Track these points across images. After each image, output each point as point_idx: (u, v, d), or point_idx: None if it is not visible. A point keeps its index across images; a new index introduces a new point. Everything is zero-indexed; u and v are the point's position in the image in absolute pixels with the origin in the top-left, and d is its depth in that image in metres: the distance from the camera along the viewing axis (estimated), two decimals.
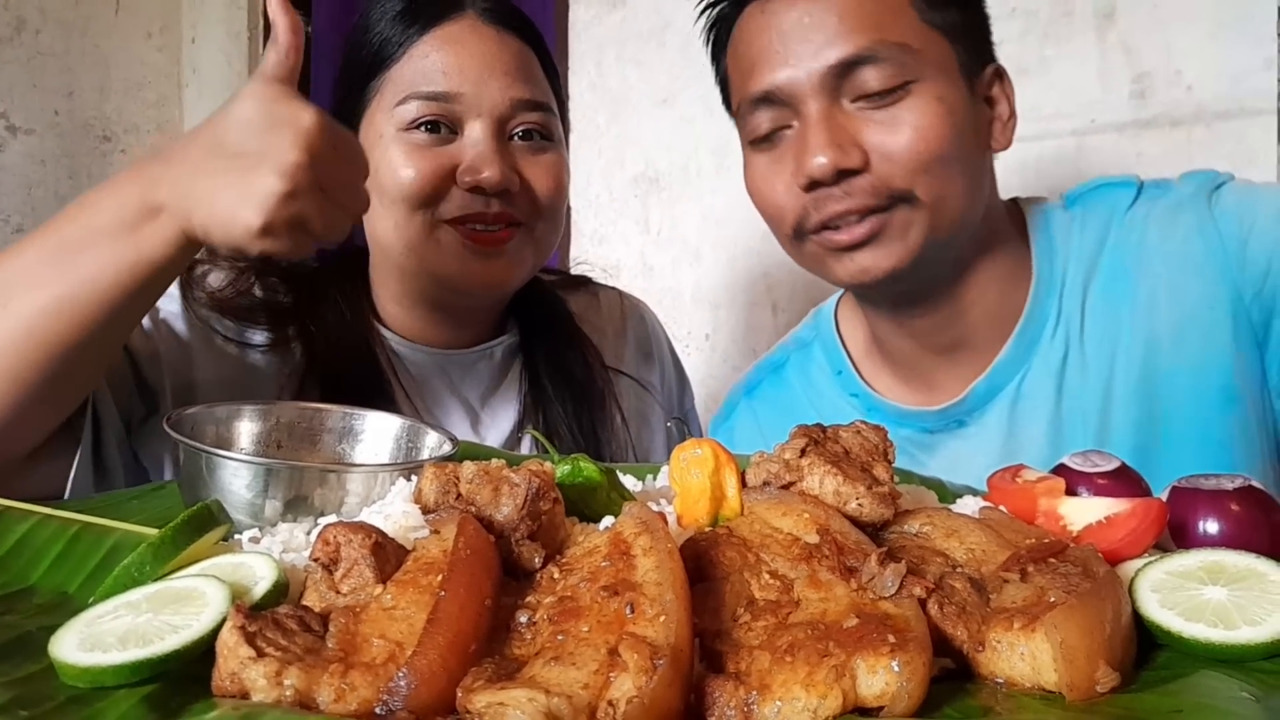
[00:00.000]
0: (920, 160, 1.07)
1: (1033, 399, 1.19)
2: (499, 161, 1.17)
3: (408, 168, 1.16)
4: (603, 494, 0.73)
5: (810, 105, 1.09)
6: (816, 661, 0.52)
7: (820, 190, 1.10)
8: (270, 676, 0.50)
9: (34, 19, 2.92)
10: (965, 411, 1.21)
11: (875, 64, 1.07)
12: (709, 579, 0.61)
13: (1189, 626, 0.58)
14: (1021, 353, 1.19)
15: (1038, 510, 0.74)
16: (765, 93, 1.12)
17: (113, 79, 3.11)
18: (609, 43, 2.41)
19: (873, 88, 1.08)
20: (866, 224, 1.09)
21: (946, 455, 1.22)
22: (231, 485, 0.74)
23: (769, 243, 2.22)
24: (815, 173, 1.08)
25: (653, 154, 2.36)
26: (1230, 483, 0.74)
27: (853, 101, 1.09)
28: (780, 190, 1.14)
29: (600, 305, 1.46)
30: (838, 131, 1.08)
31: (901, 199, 1.09)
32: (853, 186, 1.08)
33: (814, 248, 1.15)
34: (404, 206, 1.17)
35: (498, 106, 1.19)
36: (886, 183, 1.08)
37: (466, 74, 1.18)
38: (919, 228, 1.10)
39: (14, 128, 2.87)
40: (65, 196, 2.99)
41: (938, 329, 1.21)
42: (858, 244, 1.11)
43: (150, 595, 0.58)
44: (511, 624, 0.57)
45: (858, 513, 0.67)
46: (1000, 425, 1.19)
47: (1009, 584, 0.61)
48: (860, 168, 1.08)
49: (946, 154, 1.08)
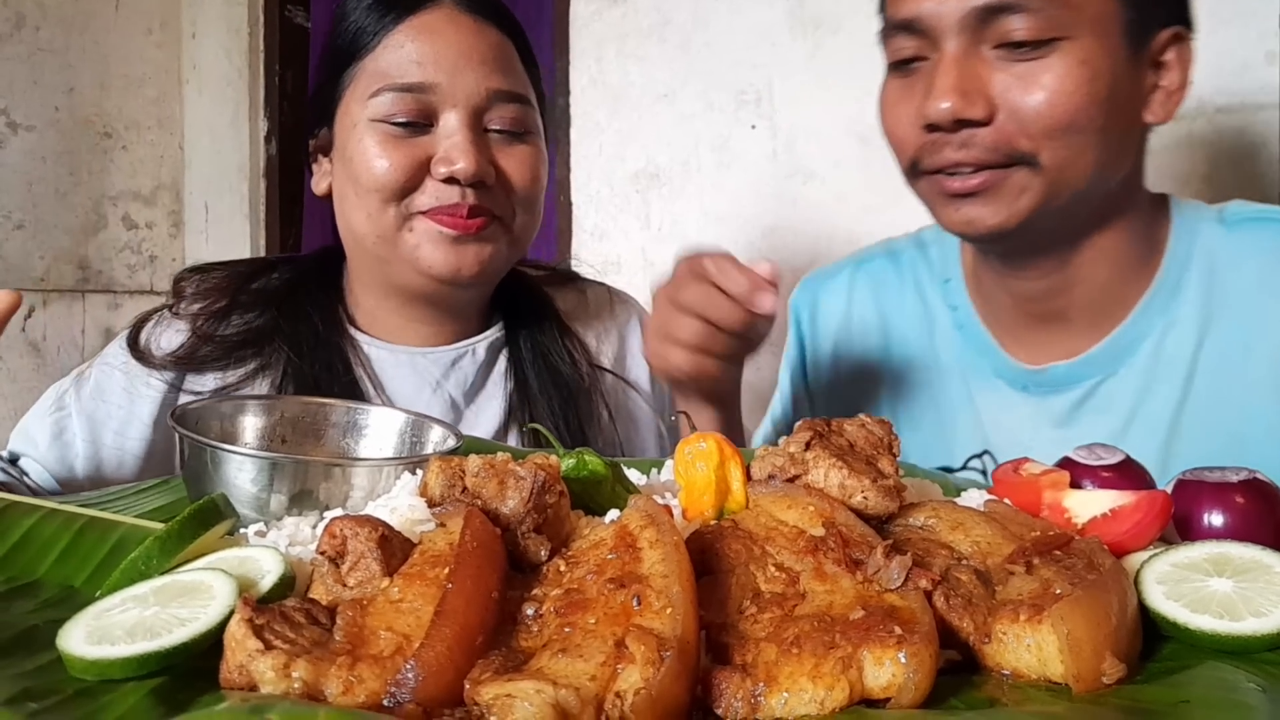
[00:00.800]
0: (1049, 126, 1.01)
1: (1102, 410, 1.14)
2: (473, 152, 1.15)
3: (381, 159, 1.16)
4: (607, 487, 0.73)
5: (949, 42, 1.04)
6: (823, 653, 0.52)
7: (938, 134, 1.05)
8: (278, 669, 0.50)
9: (34, 15, 2.92)
10: (1037, 384, 1.17)
11: (1024, 12, 1.00)
12: (715, 572, 0.61)
13: (1195, 618, 0.58)
14: (1111, 358, 1.14)
15: (1042, 503, 0.74)
16: (908, 20, 1.07)
17: (113, 75, 3.11)
18: (609, 38, 2.41)
19: (1016, 37, 1.01)
20: (979, 177, 1.04)
21: (1001, 407, 1.20)
22: (236, 479, 0.75)
23: (770, 238, 2.22)
24: (935, 116, 1.03)
25: (653, 149, 2.36)
26: (1235, 475, 0.74)
27: (994, 48, 1.02)
28: (904, 122, 1.09)
29: (588, 301, 1.45)
30: (968, 77, 1.03)
31: (1022, 160, 1.03)
32: (972, 138, 1.03)
33: (926, 187, 1.11)
34: (377, 198, 1.17)
35: (473, 97, 1.17)
36: (1009, 141, 1.02)
37: (441, 64, 1.17)
38: (1034, 193, 1.04)
39: (14, 124, 2.87)
40: (66, 193, 2.99)
41: (1039, 297, 1.16)
42: (968, 194, 1.06)
43: (157, 589, 0.58)
44: (518, 616, 0.57)
45: (863, 505, 0.68)
46: (1061, 415, 1.16)
47: (1014, 576, 0.61)
48: (984, 120, 1.02)
49: (1079, 123, 1.02)
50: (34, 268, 2.93)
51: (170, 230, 3.28)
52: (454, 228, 1.17)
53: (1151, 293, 1.13)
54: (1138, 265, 1.14)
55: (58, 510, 0.74)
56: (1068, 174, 1.04)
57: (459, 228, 1.17)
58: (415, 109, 1.16)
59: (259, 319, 1.24)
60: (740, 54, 2.23)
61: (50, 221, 2.94)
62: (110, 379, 1.21)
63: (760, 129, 2.20)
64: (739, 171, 2.24)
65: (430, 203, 1.17)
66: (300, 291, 1.28)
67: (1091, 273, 1.13)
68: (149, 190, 3.22)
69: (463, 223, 1.17)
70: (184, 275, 1.30)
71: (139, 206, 3.19)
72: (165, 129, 3.24)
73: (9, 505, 0.74)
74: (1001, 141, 1.03)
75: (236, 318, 1.24)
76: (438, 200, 1.16)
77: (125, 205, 3.16)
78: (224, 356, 1.22)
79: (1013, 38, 1.01)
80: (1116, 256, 1.13)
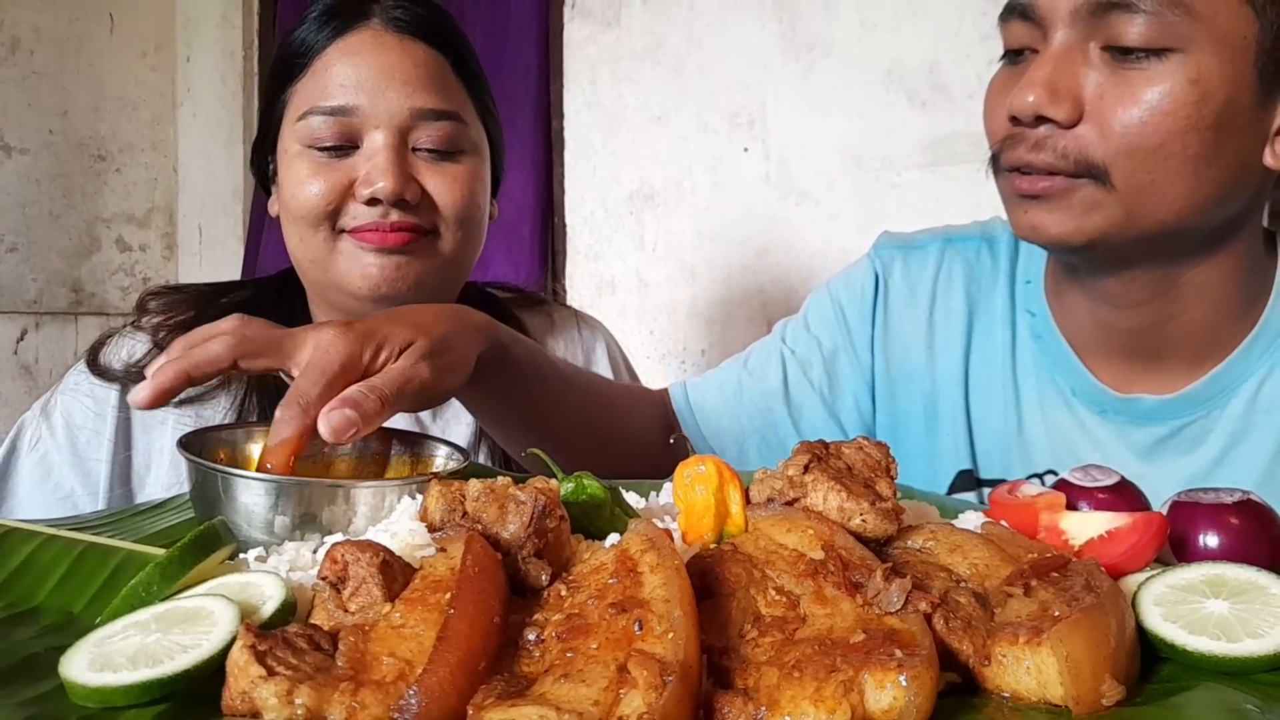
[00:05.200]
0: (1132, 143, 0.93)
1: (1188, 451, 1.08)
2: (394, 172, 1.15)
3: (307, 184, 1.17)
4: (606, 511, 0.73)
5: (1056, 34, 0.96)
6: (824, 677, 0.52)
7: (1017, 128, 0.99)
8: (281, 695, 0.50)
9: (28, 38, 2.93)
10: (1119, 412, 1.10)
11: (1137, 14, 0.91)
12: (715, 595, 0.62)
13: (1192, 639, 0.58)
14: (1206, 398, 1.07)
15: (1039, 525, 0.74)
16: (1024, 5, 0.99)
17: (107, 98, 3.12)
18: (603, 61, 2.43)
19: (1126, 41, 0.92)
20: (1046, 181, 0.97)
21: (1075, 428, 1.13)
22: (242, 500, 0.75)
23: (764, 258, 2.24)
24: (1016, 107, 0.97)
25: (647, 171, 2.37)
26: (1229, 496, 0.75)
27: (1102, 48, 0.95)
28: (998, 113, 1.02)
29: (555, 324, 1.45)
30: (1063, 74, 0.95)
31: (1092, 174, 0.95)
32: (1048, 139, 0.97)
33: (1002, 184, 1.05)
34: (305, 222, 1.18)
35: (396, 117, 1.17)
36: (1083, 150, 0.95)
37: (364, 85, 1.17)
38: (1104, 214, 0.96)
39: (8, 147, 2.87)
40: (60, 216, 3.00)
41: (1130, 330, 1.08)
42: (1034, 196, 0.99)
43: (159, 615, 0.58)
44: (520, 641, 0.57)
45: (861, 528, 0.68)
46: (1142, 448, 1.10)
47: (1013, 599, 0.61)
48: (1066, 123, 0.95)
49: (1169, 148, 0.93)
50: (27, 290, 2.93)
51: (164, 253, 3.28)
52: (376, 243, 1.17)
53: (1255, 335, 1.06)
54: (1243, 306, 1.07)
55: (57, 536, 0.74)
56: (1148, 201, 0.96)
57: (380, 242, 1.17)
58: (339, 132, 1.17)
59: None
60: (733, 76, 2.24)
61: (43, 244, 2.94)
62: (76, 404, 1.22)
63: (753, 151, 2.22)
64: (732, 193, 2.26)
65: (353, 222, 1.17)
66: (264, 307, 1.28)
67: (1189, 310, 1.05)
68: (143, 213, 3.22)
69: (384, 236, 1.17)
70: (149, 294, 1.31)
71: (132, 229, 3.20)
72: (159, 152, 3.25)
73: (8, 531, 0.74)
74: (1076, 149, 0.95)
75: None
76: (361, 219, 1.17)
77: (119, 228, 3.16)
78: None
79: (1122, 41, 0.93)
80: (1221, 296, 1.05)
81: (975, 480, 1.19)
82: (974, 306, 1.21)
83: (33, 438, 1.21)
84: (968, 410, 1.19)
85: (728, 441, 1.27)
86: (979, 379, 1.20)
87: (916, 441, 1.23)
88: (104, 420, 1.21)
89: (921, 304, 1.24)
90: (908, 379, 1.24)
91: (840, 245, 2.04)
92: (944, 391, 1.21)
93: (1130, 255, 1.01)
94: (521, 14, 2.54)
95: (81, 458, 1.20)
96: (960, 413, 1.19)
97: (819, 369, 1.27)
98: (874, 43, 2.06)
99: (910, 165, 2.02)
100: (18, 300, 2.90)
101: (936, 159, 1.99)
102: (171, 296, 1.30)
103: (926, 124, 1.99)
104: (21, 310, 2.92)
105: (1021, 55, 1.02)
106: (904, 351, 1.24)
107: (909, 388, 1.24)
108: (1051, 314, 1.16)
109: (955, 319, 1.22)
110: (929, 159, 1.99)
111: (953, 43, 1.94)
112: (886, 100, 2.04)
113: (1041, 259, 1.18)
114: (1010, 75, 1.02)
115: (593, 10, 2.45)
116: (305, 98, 1.19)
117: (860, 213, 2.06)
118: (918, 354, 1.23)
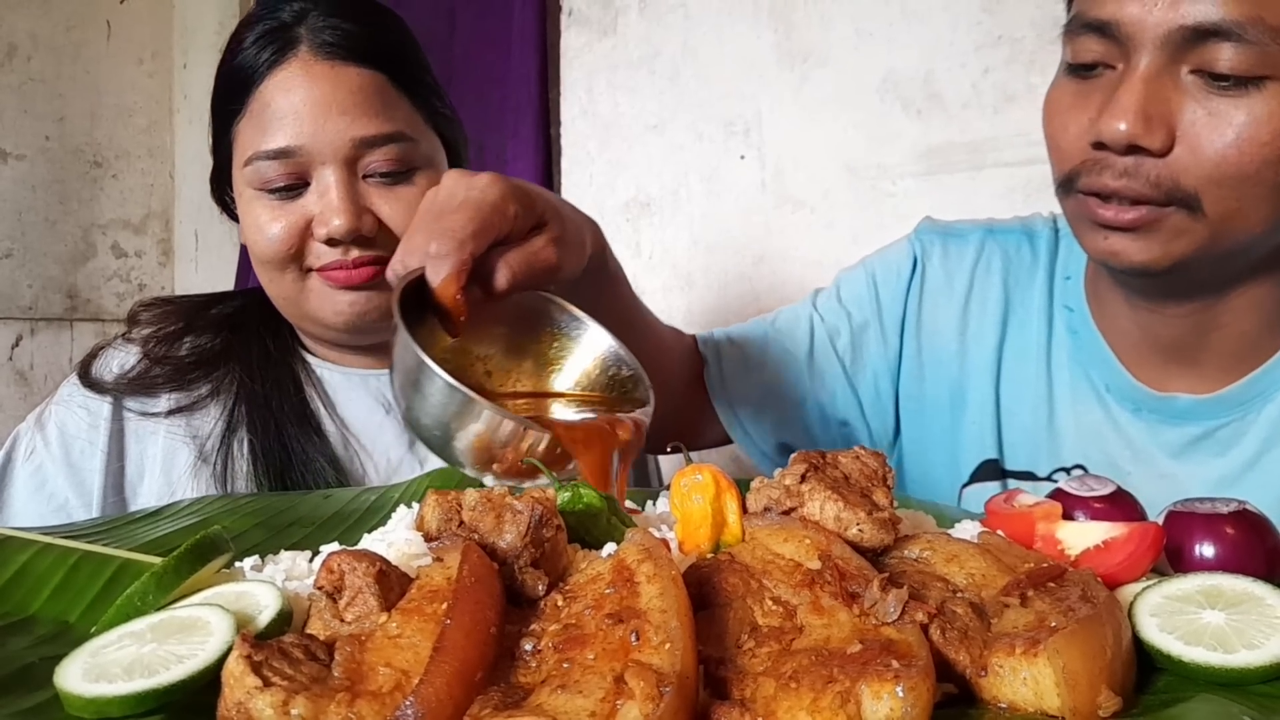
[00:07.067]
0: (1226, 172, 0.92)
1: (1220, 453, 1.07)
2: (346, 209, 1.13)
3: (265, 229, 1.16)
4: (603, 520, 0.73)
5: (1143, 57, 0.93)
6: (821, 688, 0.52)
7: (1104, 154, 0.96)
8: (277, 706, 0.50)
9: (25, 45, 2.93)
10: (1154, 410, 1.10)
11: (1235, 42, 0.89)
12: (712, 605, 0.61)
13: (1189, 650, 0.58)
14: (1243, 401, 1.07)
15: (1035, 535, 0.75)
16: (1102, 21, 0.95)
17: (104, 104, 3.12)
18: (599, 70, 2.43)
19: (1220, 68, 0.90)
20: (1135, 212, 0.95)
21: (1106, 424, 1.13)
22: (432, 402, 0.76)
23: (760, 267, 2.24)
24: (1107, 135, 0.94)
25: (643, 179, 2.37)
26: (1225, 506, 0.75)
27: (1191, 72, 0.92)
28: (1072, 131, 0.99)
29: None
30: (1155, 100, 0.92)
31: (1182, 202, 0.94)
32: (1138, 168, 0.94)
33: (1074, 206, 1.02)
34: (271, 266, 1.18)
35: (340, 150, 1.14)
36: (1175, 178, 0.93)
37: (303, 122, 1.14)
38: (1191, 239, 0.95)
39: (5, 153, 2.87)
40: (56, 222, 2.99)
41: (1173, 336, 1.08)
42: (1119, 226, 0.97)
43: (154, 625, 0.58)
44: (516, 652, 0.57)
45: (858, 538, 0.68)
46: (1175, 448, 1.10)
47: (1009, 609, 0.61)
48: (1159, 151, 0.93)
49: (1263, 176, 0.92)
50: (22, 296, 2.92)
51: (160, 259, 3.28)
52: (342, 281, 1.17)
53: None
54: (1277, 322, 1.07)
55: (52, 545, 0.74)
56: (1234, 225, 0.95)
57: (347, 280, 1.17)
58: (287, 172, 1.15)
59: (211, 342, 1.26)
60: (729, 85, 2.25)
61: (39, 250, 2.94)
62: (70, 415, 1.22)
63: (749, 159, 2.22)
64: (728, 201, 2.26)
65: (318, 262, 1.17)
66: (253, 316, 1.29)
67: (1236, 322, 1.06)
68: (139, 219, 3.22)
69: (349, 275, 1.16)
70: (140, 305, 1.32)
71: (128, 235, 3.19)
72: (156, 158, 3.25)
73: (3, 539, 0.74)
74: (1167, 178, 0.94)
75: (189, 340, 1.26)
76: (325, 259, 1.17)
77: (115, 234, 3.16)
78: (176, 378, 1.23)
79: (1214, 67, 0.91)
80: (1269, 308, 1.06)
81: (1000, 470, 1.19)
82: (1011, 298, 1.21)
83: (28, 448, 1.21)
84: (997, 400, 1.19)
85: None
86: (1011, 370, 1.20)
87: (941, 428, 1.23)
88: (97, 431, 1.21)
89: (958, 292, 1.24)
90: (937, 364, 1.24)
91: (836, 253, 2.04)
92: (974, 380, 1.21)
93: (1202, 277, 1.01)
94: (518, 23, 2.55)
95: (76, 468, 1.20)
96: (989, 402, 1.19)
97: (845, 339, 1.27)
98: (869, 52, 2.06)
99: (905, 174, 2.02)
100: (13, 306, 2.90)
101: (931, 168, 1.99)
102: (163, 308, 1.30)
103: (922, 133, 1.99)
104: (17, 316, 2.92)
105: (1091, 71, 0.99)
106: (935, 337, 1.24)
107: (937, 373, 1.24)
108: (1090, 311, 1.15)
109: (991, 309, 1.22)
110: (924, 168, 2.00)
111: (948, 52, 1.94)
112: (882, 109, 2.04)
113: (1082, 256, 1.17)
114: (1081, 92, 0.99)
115: (589, 19, 2.45)
116: (248, 140, 1.17)
117: (856, 221, 2.07)
118: (949, 341, 1.23)
